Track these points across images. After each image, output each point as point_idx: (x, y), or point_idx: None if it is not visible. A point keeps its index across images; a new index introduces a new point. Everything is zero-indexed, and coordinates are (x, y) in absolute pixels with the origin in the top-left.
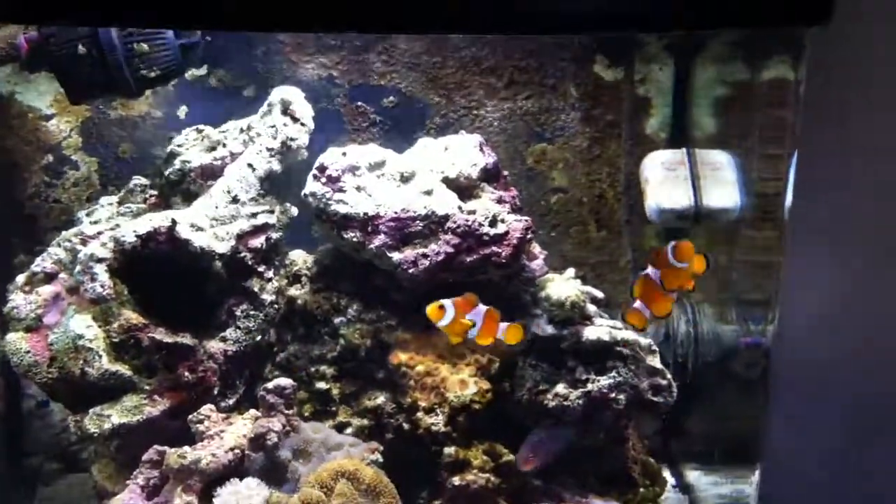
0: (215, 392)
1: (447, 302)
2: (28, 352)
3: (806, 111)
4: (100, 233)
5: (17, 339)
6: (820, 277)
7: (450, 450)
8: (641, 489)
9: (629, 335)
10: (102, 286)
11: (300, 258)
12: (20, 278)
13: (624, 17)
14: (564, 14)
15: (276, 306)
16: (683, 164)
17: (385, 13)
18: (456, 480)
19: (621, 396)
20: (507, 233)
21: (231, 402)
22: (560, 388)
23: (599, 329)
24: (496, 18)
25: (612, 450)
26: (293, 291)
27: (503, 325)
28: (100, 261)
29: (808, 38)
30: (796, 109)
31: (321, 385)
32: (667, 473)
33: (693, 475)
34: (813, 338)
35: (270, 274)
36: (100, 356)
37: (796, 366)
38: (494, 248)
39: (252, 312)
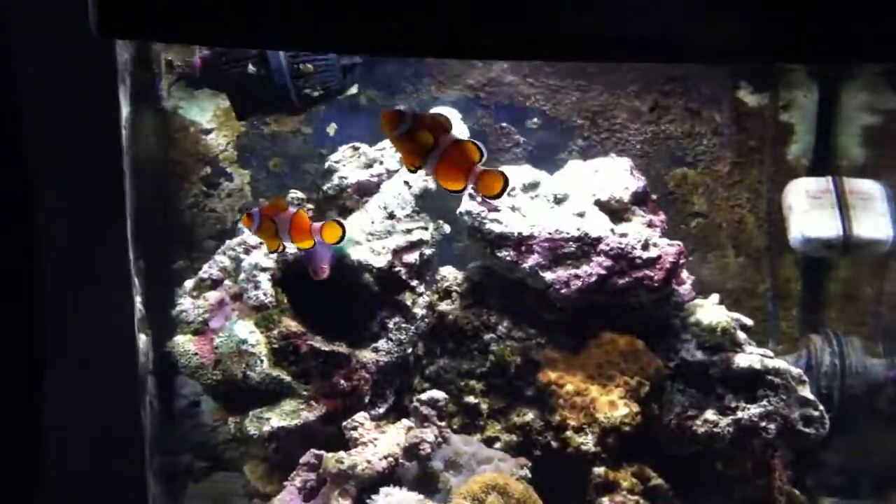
0: (367, 400)
1: (255, 210)
2: (196, 354)
3: None
4: (262, 243)
5: (185, 342)
6: None
7: (599, 470)
8: None
9: (780, 364)
10: (265, 294)
11: (451, 274)
12: (188, 283)
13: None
14: (701, 43)
15: (426, 320)
16: (829, 193)
17: (528, 42)
18: (605, 501)
19: (771, 426)
20: (659, 257)
21: (381, 410)
22: (709, 414)
23: (750, 357)
24: (644, 47)
25: (758, 479)
26: (444, 306)
27: (317, 224)
28: (263, 270)
29: None
30: None
31: (470, 399)
32: None
33: None
34: None
35: (422, 289)
36: (261, 361)
37: None
38: (647, 272)
39: (404, 325)
